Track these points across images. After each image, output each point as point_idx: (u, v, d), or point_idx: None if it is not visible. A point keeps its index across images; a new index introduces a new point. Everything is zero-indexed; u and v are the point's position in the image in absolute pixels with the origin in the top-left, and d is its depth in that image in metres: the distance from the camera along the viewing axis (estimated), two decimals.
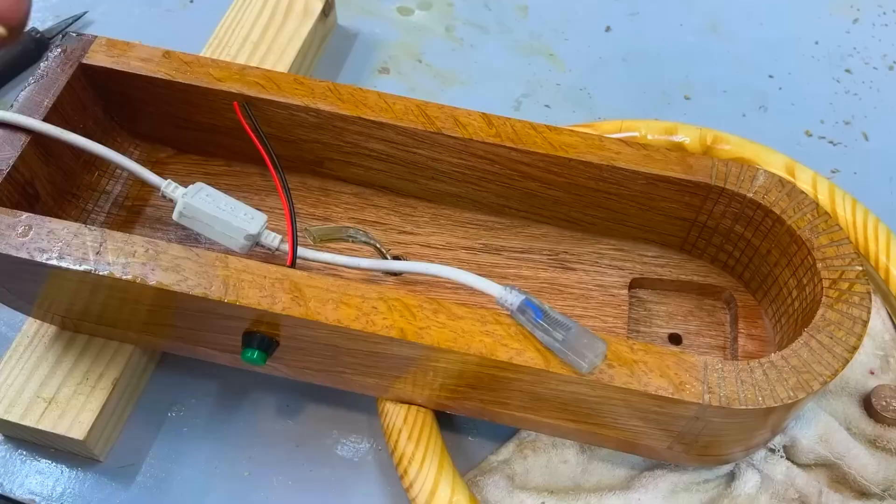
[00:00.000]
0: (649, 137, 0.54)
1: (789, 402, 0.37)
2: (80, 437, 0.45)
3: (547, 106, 0.63)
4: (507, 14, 0.69)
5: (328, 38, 0.67)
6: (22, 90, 0.45)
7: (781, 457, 0.46)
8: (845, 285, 0.41)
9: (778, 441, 0.46)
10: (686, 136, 0.54)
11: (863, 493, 0.46)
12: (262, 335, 0.41)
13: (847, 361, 0.39)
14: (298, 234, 0.45)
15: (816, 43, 0.67)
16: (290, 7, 0.63)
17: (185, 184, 0.45)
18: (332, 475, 0.48)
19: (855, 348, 0.39)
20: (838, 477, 0.46)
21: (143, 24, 0.67)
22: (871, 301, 0.40)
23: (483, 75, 0.65)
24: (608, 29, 0.67)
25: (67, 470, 0.48)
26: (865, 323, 0.40)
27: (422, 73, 0.65)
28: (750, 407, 0.37)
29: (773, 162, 0.53)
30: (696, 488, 0.46)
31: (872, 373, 0.49)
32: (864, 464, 0.46)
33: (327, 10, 0.64)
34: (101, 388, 0.46)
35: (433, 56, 0.66)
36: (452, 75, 0.65)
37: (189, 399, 0.50)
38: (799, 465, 0.46)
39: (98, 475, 0.48)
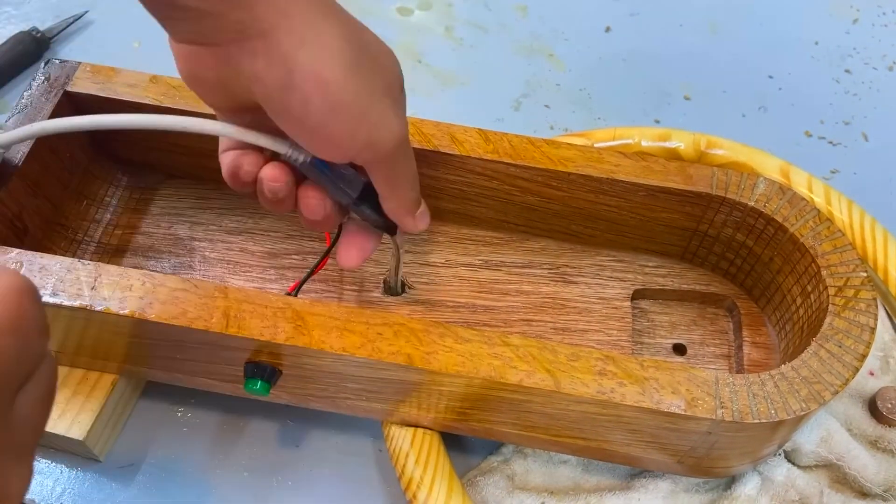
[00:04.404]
0: (643, 144, 0.54)
1: (802, 413, 0.37)
2: (80, 438, 0.44)
3: (546, 106, 0.63)
4: (506, 14, 0.68)
5: None
6: (7, 119, 0.44)
7: (782, 458, 0.46)
8: (851, 292, 0.41)
9: None
10: (680, 142, 0.54)
11: (864, 494, 0.46)
12: (264, 365, 0.40)
13: (857, 370, 0.39)
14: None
15: (816, 43, 0.67)
16: None
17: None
18: (332, 476, 0.47)
19: (864, 356, 0.39)
20: (839, 478, 0.46)
21: (143, 24, 0.65)
22: (877, 307, 0.40)
23: (483, 75, 0.65)
24: (608, 29, 0.67)
25: (67, 470, 0.47)
26: (873, 330, 0.40)
27: (421, 73, 0.65)
28: (763, 420, 0.37)
29: (768, 165, 0.53)
30: (696, 489, 0.46)
31: (872, 374, 0.49)
32: (865, 464, 0.45)
33: None
34: (101, 388, 0.46)
35: (433, 56, 0.66)
36: (452, 75, 0.65)
37: (189, 399, 0.49)
38: (800, 466, 0.46)
39: (98, 475, 0.47)
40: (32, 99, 0.45)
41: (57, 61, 0.46)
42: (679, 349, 0.48)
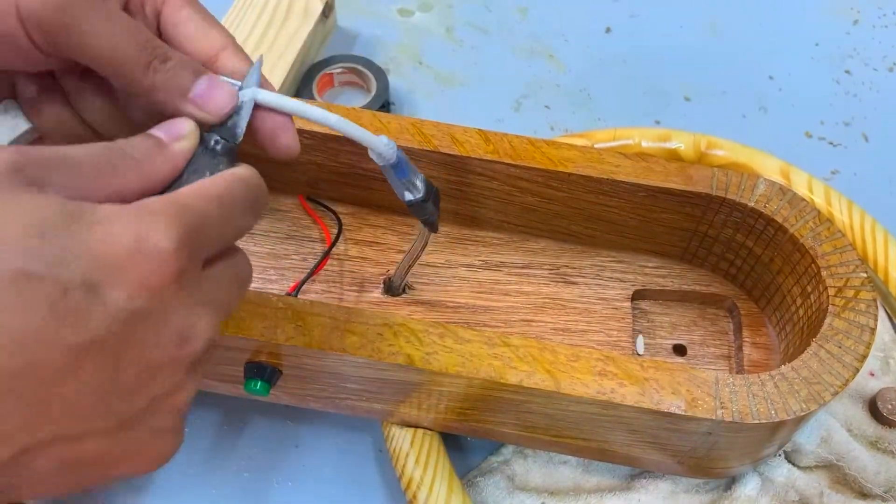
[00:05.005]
0: (643, 145, 0.54)
1: (802, 414, 0.37)
2: None
3: (547, 107, 0.63)
4: (507, 15, 0.69)
5: (328, 40, 0.66)
6: None
7: (782, 459, 0.46)
8: (851, 293, 0.41)
9: None
10: (680, 143, 0.54)
11: (864, 495, 0.46)
12: (264, 365, 0.40)
13: (857, 370, 0.39)
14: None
15: (816, 44, 0.67)
16: (291, 8, 0.62)
17: None
18: (332, 476, 0.48)
19: (864, 357, 0.39)
20: (839, 478, 0.46)
21: None
22: (877, 308, 0.40)
23: (483, 76, 0.65)
24: (608, 30, 0.67)
25: None
26: (873, 331, 0.40)
27: (422, 74, 0.65)
28: (763, 421, 0.37)
29: (769, 165, 0.53)
30: (697, 490, 0.46)
31: (872, 374, 0.49)
32: (865, 465, 0.46)
33: (327, 11, 0.64)
34: None
35: (433, 57, 0.66)
36: (453, 76, 0.65)
37: None
38: (800, 467, 0.46)
39: None
40: None
41: None
42: (679, 350, 0.48)
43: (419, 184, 0.39)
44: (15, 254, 0.21)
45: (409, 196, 0.39)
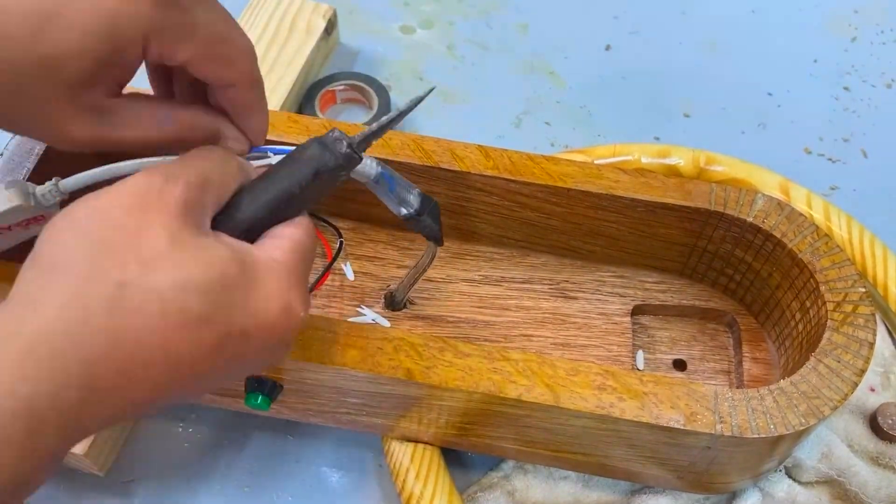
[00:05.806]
0: (643, 160, 0.55)
1: (801, 428, 0.37)
2: (81, 452, 0.44)
3: (547, 123, 0.64)
4: (507, 32, 0.69)
5: (331, 56, 0.67)
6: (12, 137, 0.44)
7: (783, 475, 0.46)
8: (849, 307, 0.41)
9: None
10: (680, 159, 0.55)
11: None
12: (265, 380, 0.40)
13: (856, 385, 0.39)
14: None
15: (815, 61, 0.67)
16: (294, 25, 0.63)
17: None
18: (332, 491, 0.48)
19: (863, 371, 0.39)
20: (840, 494, 0.46)
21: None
22: (875, 323, 0.40)
23: (484, 93, 0.66)
24: (608, 47, 0.68)
25: (66, 484, 0.47)
26: (872, 345, 0.40)
27: (423, 90, 0.65)
28: (762, 435, 0.37)
29: (768, 181, 0.53)
30: None
31: (873, 390, 0.49)
32: (866, 481, 0.45)
33: (330, 28, 0.65)
34: None
35: (435, 74, 0.67)
36: (454, 93, 0.65)
37: (190, 414, 0.49)
38: (801, 482, 0.46)
39: (98, 490, 0.47)
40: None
41: None
42: (679, 365, 0.48)
43: (412, 199, 0.39)
44: (201, 299, 0.27)
45: (403, 211, 0.39)
